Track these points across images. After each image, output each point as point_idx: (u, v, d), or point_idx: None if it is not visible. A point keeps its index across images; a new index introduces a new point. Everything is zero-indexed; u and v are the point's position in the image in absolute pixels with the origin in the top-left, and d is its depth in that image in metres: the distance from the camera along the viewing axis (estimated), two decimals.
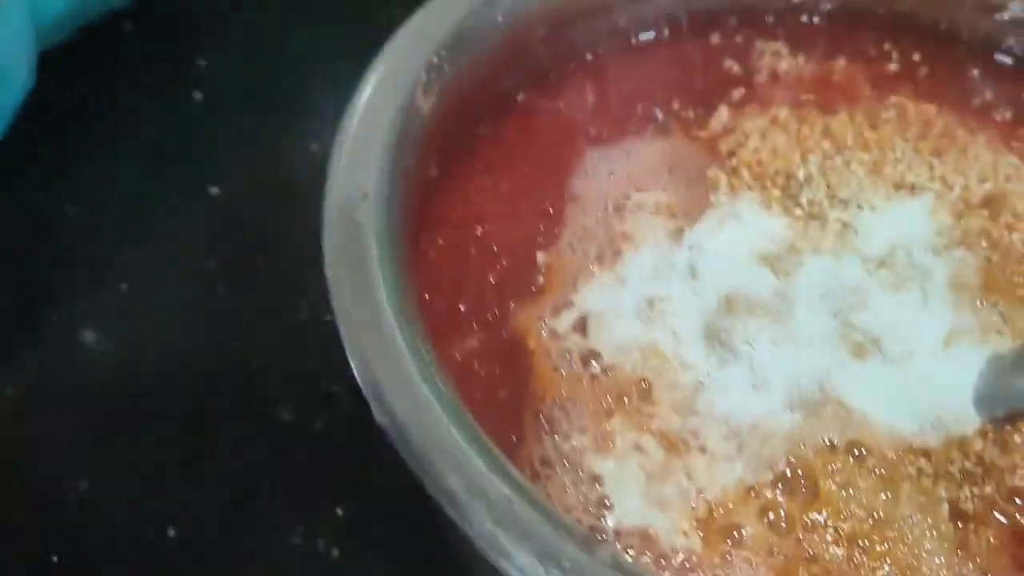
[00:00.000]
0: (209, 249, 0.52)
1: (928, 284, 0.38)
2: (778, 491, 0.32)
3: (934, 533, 0.32)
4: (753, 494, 0.32)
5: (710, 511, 0.31)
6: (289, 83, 0.60)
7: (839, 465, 0.33)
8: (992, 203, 0.41)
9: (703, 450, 0.33)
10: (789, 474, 0.33)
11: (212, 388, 0.47)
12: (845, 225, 0.39)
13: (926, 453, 0.34)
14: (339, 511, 0.42)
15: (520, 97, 0.44)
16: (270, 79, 0.60)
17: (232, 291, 0.50)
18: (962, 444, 0.34)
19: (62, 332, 0.49)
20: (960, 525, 0.32)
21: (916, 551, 0.31)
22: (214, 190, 0.55)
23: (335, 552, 0.41)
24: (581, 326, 0.36)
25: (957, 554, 0.31)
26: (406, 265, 0.33)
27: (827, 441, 0.33)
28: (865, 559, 0.31)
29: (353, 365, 0.28)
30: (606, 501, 0.32)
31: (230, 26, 0.64)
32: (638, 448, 0.33)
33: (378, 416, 0.27)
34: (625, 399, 0.34)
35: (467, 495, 0.26)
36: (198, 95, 0.60)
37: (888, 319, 0.36)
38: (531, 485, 0.27)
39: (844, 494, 0.32)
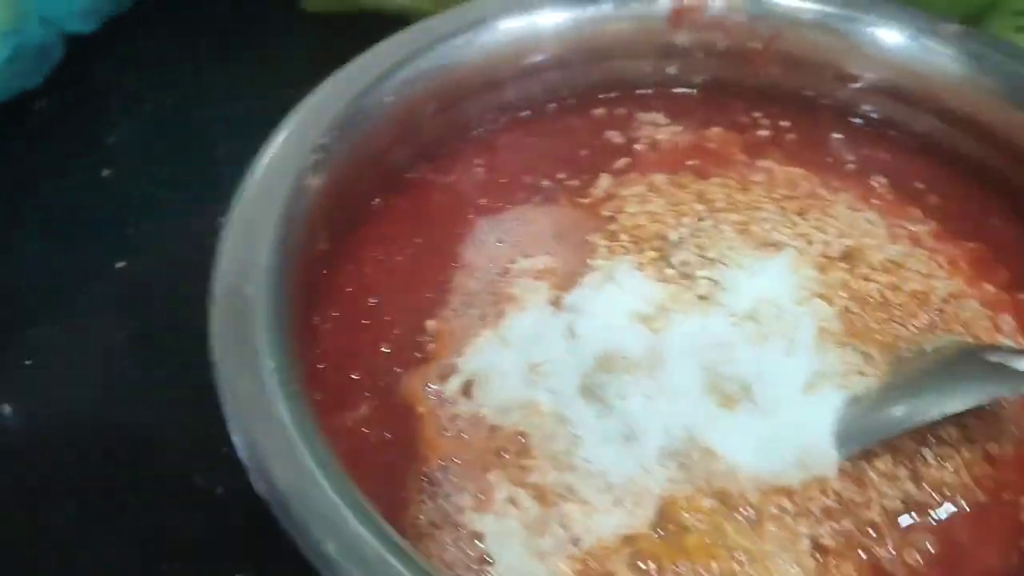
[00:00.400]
0: (116, 324, 0.53)
1: (792, 333, 0.40)
2: (649, 539, 0.34)
3: (797, 568, 0.34)
4: (625, 543, 0.34)
5: (586, 562, 0.33)
6: (198, 159, 0.61)
7: (707, 511, 0.35)
8: (850, 257, 0.44)
9: (577, 502, 0.35)
10: (659, 521, 0.35)
11: (120, 459, 0.47)
12: (714, 283, 0.42)
13: (788, 492, 0.36)
14: None
15: (411, 172, 0.47)
16: (179, 156, 0.62)
17: (138, 365, 0.51)
18: (822, 483, 0.36)
19: None
20: (821, 559, 0.35)
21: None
22: (120, 264, 0.55)
23: None
24: (467, 389, 0.38)
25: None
26: (296, 338, 0.35)
27: (697, 489, 0.36)
28: None
29: (232, 433, 0.30)
30: (487, 557, 0.33)
31: (140, 104, 0.65)
32: (514, 503, 0.34)
33: (256, 484, 0.29)
34: (504, 455, 0.36)
35: (342, 558, 0.28)
36: (107, 172, 0.61)
37: (755, 369, 0.39)
38: (410, 545, 0.29)
39: (711, 539, 0.34)
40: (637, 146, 0.50)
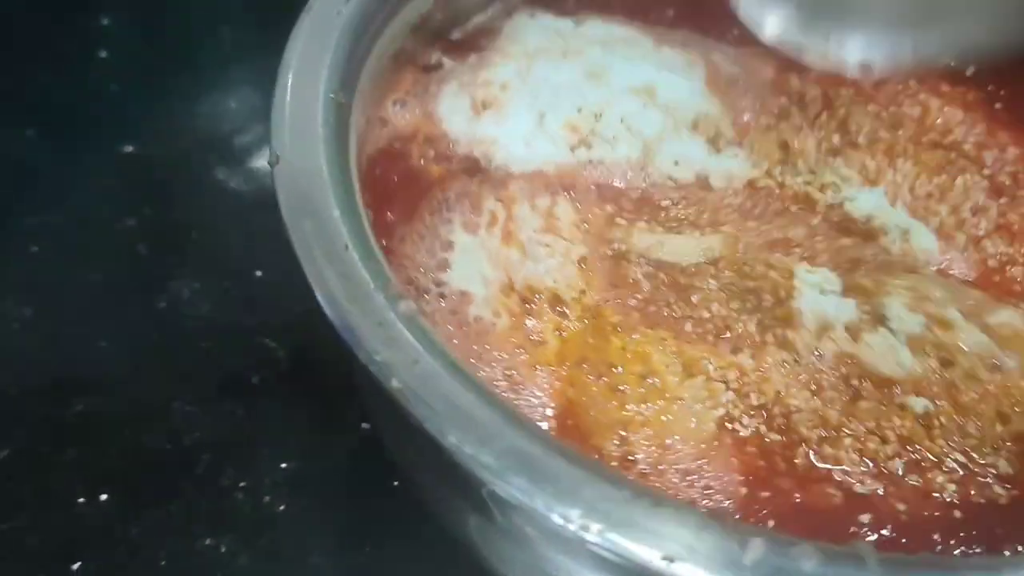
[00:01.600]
0: (127, 208, 0.50)
1: None
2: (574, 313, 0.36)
3: (696, 423, 0.34)
4: (555, 300, 0.36)
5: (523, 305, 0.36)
6: (198, 41, 0.57)
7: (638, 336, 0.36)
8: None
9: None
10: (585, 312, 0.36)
11: (140, 344, 0.46)
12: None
13: (739, 367, 0.36)
14: (283, 465, 0.43)
15: None
16: (179, 35, 0.58)
17: (153, 248, 0.49)
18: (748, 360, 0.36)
19: None
20: (728, 426, 0.35)
21: (681, 421, 0.34)
22: (128, 149, 0.52)
23: (281, 507, 0.43)
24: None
25: (712, 445, 0.34)
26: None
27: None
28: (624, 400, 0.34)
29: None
30: (448, 263, 0.36)
31: None
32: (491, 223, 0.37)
33: (272, 162, 0.32)
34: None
35: (318, 242, 0.30)
36: (103, 53, 0.57)
37: None
38: (378, 246, 0.31)
39: (634, 354, 0.35)
40: None
